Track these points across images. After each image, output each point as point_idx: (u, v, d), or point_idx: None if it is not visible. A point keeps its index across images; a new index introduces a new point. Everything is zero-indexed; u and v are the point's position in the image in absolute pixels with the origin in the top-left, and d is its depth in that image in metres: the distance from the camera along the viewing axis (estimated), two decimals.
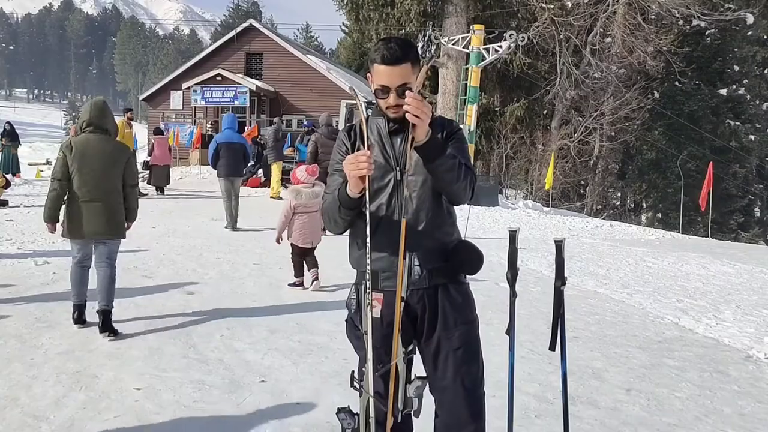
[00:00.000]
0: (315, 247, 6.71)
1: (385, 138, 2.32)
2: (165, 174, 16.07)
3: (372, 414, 2.14)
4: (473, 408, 2.34)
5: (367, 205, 2.18)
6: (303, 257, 6.67)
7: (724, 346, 5.48)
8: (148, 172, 16.42)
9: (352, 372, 2.32)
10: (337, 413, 2.25)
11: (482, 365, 2.40)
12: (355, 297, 2.32)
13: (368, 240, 2.17)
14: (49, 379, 3.95)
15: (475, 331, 2.39)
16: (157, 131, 16.39)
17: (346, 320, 2.47)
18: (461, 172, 2.20)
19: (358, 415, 2.22)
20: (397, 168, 2.28)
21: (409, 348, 2.25)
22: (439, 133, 2.32)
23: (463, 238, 2.42)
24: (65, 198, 4.87)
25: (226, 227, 10.44)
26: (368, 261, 2.18)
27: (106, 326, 4.79)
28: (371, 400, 2.15)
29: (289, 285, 6.68)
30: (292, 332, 5.11)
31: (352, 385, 2.24)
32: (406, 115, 2.05)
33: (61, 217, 4.95)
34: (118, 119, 14.92)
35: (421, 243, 2.27)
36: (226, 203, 10.51)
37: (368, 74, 2.28)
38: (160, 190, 15.92)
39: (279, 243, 6.70)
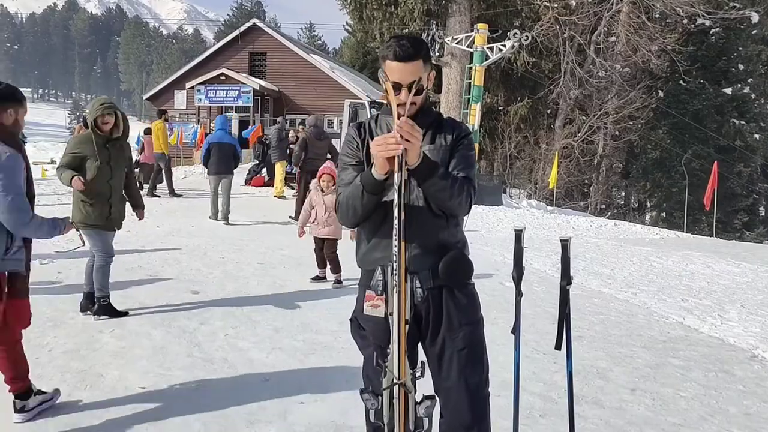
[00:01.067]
0: (336, 241, 6.79)
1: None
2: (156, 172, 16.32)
3: (396, 395, 2.11)
4: (477, 409, 2.34)
5: (396, 184, 2.13)
6: (321, 250, 6.84)
7: (729, 346, 5.47)
8: (138, 170, 16.61)
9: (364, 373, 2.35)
10: (360, 393, 2.24)
11: (487, 366, 2.38)
12: (381, 278, 2.27)
13: (396, 222, 2.11)
14: (54, 378, 3.96)
15: (480, 332, 2.38)
16: (147, 131, 16.62)
17: (350, 320, 2.47)
18: (454, 190, 2.20)
19: (381, 395, 2.22)
20: (405, 166, 2.26)
21: (417, 370, 2.22)
22: (449, 136, 2.34)
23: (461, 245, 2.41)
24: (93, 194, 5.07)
25: (210, 218, 11.24)
26: (395, 243, 2.12)
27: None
28: (395, 381, 2.13)
29: (311, 279, 6.90)
30: (296, 331, 5.11)
31: (362, 393, 2.23)
32: (397, 138, 2.06)
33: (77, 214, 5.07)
34: (156, 122, 15.23)
35: (426, 242, 2.28)
36: (213, 198, 11.33)
37: (380, 72, 2.30)
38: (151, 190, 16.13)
39: (301, 237, 6.89)
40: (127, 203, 5.39)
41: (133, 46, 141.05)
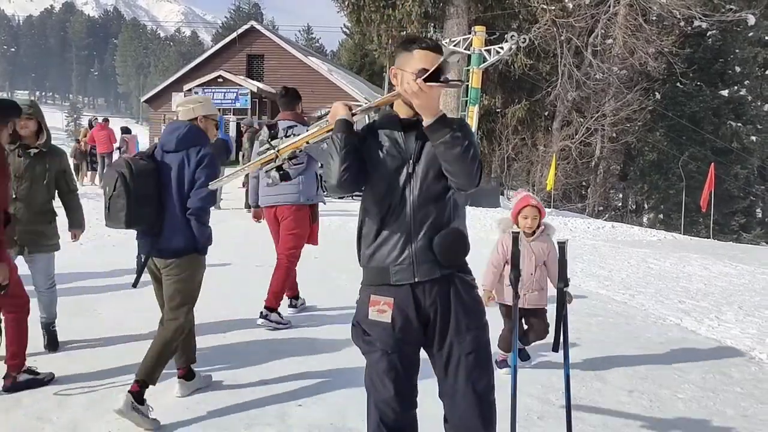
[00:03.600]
0: (545, 312, 5.14)
1: (399, 132, 2.35)
2: None
3: None
4: (485, 415, 2.32)
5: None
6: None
7: (727, 348, 5.48)
8: None
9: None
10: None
11: (493, 370, 2.39)
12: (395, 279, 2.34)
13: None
14: (52, 381, 3.95)
15: (486, 337, 2.39)
16: (126, 130, 16.88)
17: (352, 324, 2.46)
18: (469, 151, 2.18)
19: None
20: (410, 161, 2.31)
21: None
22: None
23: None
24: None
25: (213, 207, 11.39)
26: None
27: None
28: None
29: None
30: (294, 333, 5.11)
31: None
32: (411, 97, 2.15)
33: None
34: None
35: (431, 235, 2.29)
36: None
37: (391, 69, 2.37)
38: None
39: (488, 304, 6.16)
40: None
41: (130, 48, 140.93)
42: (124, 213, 3.47)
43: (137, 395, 3.39)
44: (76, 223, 4.70)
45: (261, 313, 5.18)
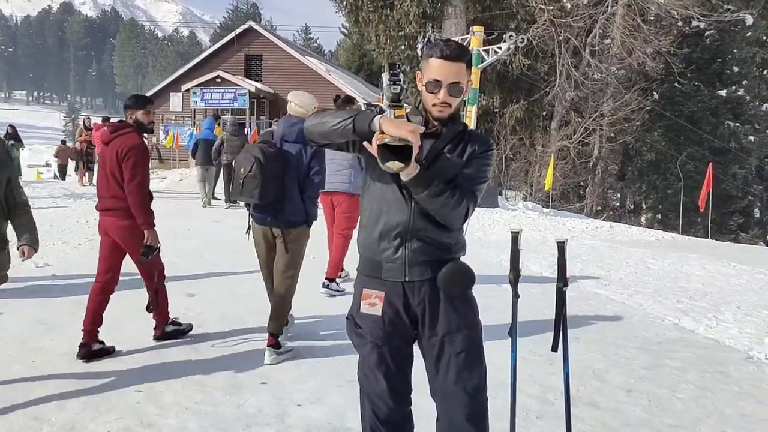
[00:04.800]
0: None
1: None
2: None
3: None
4: (475, 415, 2.32)
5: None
6: None
7: (725, 347, 5.48)
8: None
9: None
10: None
11: (485, 370, 2.37)
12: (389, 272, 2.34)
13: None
14: (50, 381, 3.95)
15: (478, 335, 2.38)
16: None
17: (347, 318, 2.47)
18: (450, 203, 2.21)
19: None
20: (421, 165, 2.26)
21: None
22: (471, 148, 2.33)
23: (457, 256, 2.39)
24: None
25: (203, 206, 13.86)
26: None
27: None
28: None
29: None
30: (292, 333, 5.10)
31: None
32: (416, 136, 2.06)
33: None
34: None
35: (428, 238, 2.30)
36: (200, 185, 14.31)
37: (417, 73, 2.32)
38: None
39: None
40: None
41: (128, 48, 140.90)
42: (258, 190, 4.29)
43: (275, 345, 4.43)
44: (28, 239, 3.71)
45: (323, 283, 6.45)
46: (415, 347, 2.44)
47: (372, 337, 2.34)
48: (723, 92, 28.70)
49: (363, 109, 2.59)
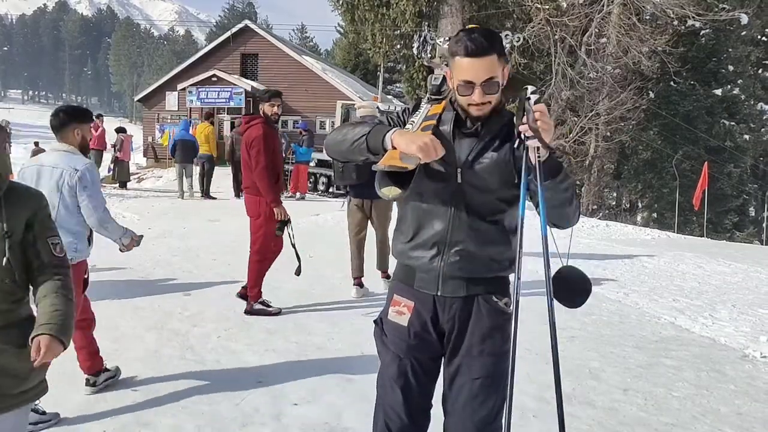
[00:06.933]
0: None
1: (449, 135, 2.12)
2: (128, 169, 18.11)
3: None
4: None
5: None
6: None
7: (721, 346, 5.50)
8: (115, 168, 17.82)
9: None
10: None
11: (500, 402, 2.18)
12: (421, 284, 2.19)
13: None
14: (47, 381, 3.93)
15: (502, 366, 2.14)
16: (121, 129, 17.91)
17: (375, 321, 2.34)
18: (572, 194, 2.05)
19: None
20: (459, 169, 2.10)
21: None
22: (513, 146, 2.13)
23: (566, 263, 2.24)
24: None
25: (179, 197, 15.17)
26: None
27: None
28: None
29: None
30: (289, 333, 5.11)
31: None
32: (538, 124, 1.90)
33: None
34: (205, 124, 16.22)
35: (468, 251, 2.14)
36: (179, 180, 15.52)
37: (447, 71, 2.12)
38: (124, 185, 17.18)
39: None
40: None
41: (124, 47, 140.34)
42: (356, 173, 5.71)
43: (387, 276, 5.95)
44: (54, 326, 2.12)
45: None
46: None
47: (394, 347, 2.22)
48: (718, 91, 28.76)
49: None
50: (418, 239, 2.18)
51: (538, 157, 1.96)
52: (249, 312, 5.55)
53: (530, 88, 2.00)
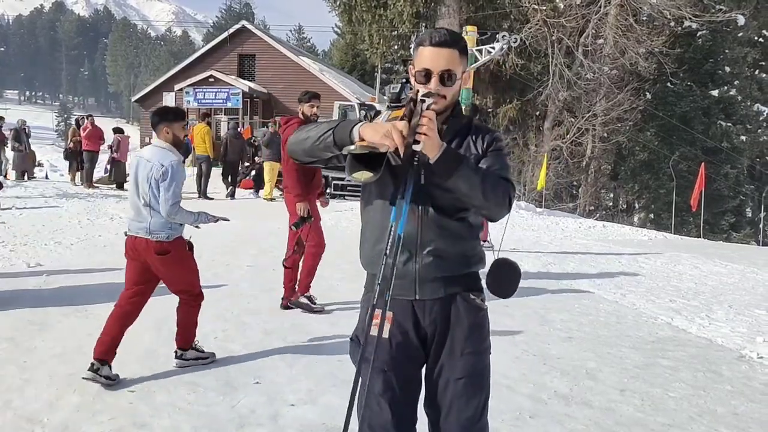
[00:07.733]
0: None
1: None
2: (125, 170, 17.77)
3: None
4: None
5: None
6: None
7: (717, 346, 5.51)
8: (112, 168, 17.85)
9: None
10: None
11: (484, 399, 2.20)
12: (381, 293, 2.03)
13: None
14: (43, 382, 3.93)
15: (484, 361, 2.20)
16: (118, 130, 18.08)
17: (351, 339, 2.30)
18: (487, 185, 1.99)
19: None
20: (422, 170, 2.05)
21: None
22: (480, 143, 2.16)
23: (496, 254, 2.25)
24: None
25: None
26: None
27: None
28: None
29: None
30: (286, 333, 5.10)
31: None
32: (423, 129, 1.86)
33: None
34: (201, 125, 16.28)
35: (440, 250, 2.11)
36: None
37: (410, 66, 2.14)
38: (121, 186, 17.05)
39: None
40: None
41: (121, 48, 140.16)
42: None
43: None
44: None
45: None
46: None
47: (378, 361, 2.12)
48: (715, 92, 28.84)
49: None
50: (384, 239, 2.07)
51: (416, 159, 1.94)
52: (290, 305, 5.65)
53: (422, 91, 2.01)
